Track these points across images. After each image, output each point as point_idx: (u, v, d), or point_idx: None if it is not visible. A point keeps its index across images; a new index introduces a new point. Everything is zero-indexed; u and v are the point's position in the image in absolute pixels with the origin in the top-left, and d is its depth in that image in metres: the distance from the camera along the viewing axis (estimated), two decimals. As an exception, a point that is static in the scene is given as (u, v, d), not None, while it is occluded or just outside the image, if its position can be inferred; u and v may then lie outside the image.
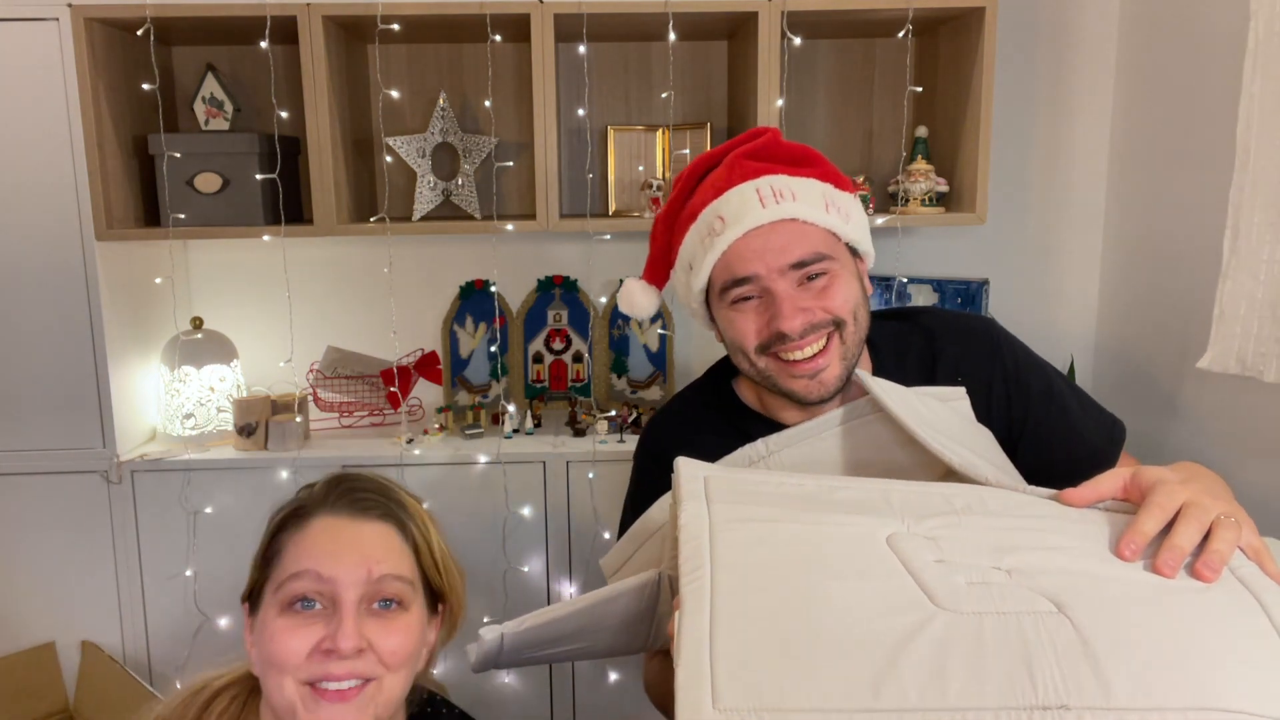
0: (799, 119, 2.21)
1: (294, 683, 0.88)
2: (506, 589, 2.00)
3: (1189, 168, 1.88)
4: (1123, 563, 0.72)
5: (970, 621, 0.65)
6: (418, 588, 0.96)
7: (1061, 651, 0.63)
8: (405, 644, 0.92)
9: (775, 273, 1.06)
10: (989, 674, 0.62)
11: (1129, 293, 2.16)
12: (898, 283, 2.17)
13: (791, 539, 0.74)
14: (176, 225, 1.96)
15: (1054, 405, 1.16)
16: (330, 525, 0.93)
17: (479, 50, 2.16)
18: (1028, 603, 0.67)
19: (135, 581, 1.99)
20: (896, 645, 0.63)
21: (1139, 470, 0.81)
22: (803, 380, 1.08)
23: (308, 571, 0.90)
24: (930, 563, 0.71)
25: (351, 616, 0.89)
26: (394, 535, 0.95)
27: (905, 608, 0.66)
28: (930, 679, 0.61)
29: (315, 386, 2.19)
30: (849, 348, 1.09)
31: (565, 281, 2.28)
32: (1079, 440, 1.15)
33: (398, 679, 0.92)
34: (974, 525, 0.77)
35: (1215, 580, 0.70)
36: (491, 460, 1.97)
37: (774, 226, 1.06)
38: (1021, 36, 2.19)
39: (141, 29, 1.88)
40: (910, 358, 1.19)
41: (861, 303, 1.12)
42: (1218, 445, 1.81)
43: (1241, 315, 1.54)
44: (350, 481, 0.98)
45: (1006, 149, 2.22)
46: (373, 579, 0.91)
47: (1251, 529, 0.79)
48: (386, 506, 0.97)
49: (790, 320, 1.05)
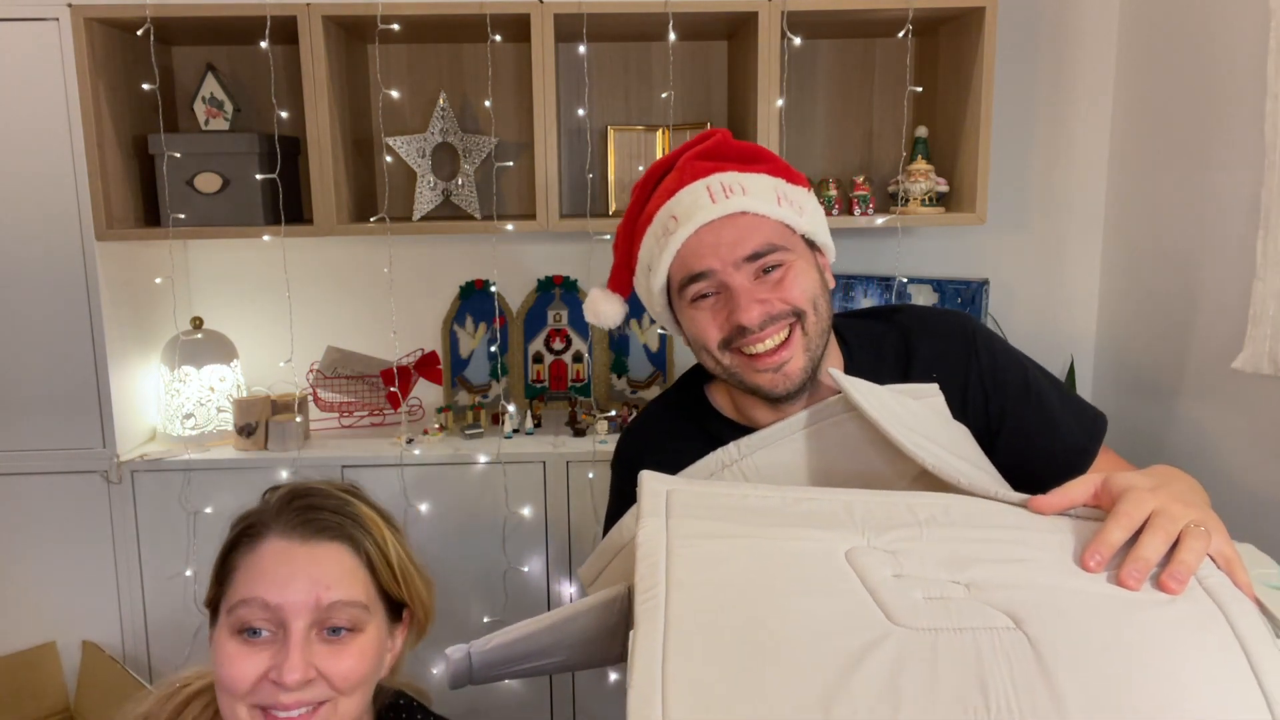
0: (799, 119, 2.21)
1: (244, 707, 0.88)
2: (506, 589, 2.00)
3: (1189, 168, 1.88)
4: (1087, 574, 0.71)
5: (925, 638, 0.64)
6: (375, 607, 0.94)
7: (1016, 668, 0.62)
8: (358, 668, 0.91)
9: (730, 266, 1.06)
10: (941, 691, 0.61)
11: (1129, 293, 2.16)
12: (898, 283, 2.17)
13: (748, 557, 0.74)
14: (176, 225, 1.96)
15: (1031, 400, 1.15)
16: (281, 550, 0.91)
17: (479, 50, 2.16)
18: (984, 619, 0.66)
19: (135, 581, 1.99)
20: (849, 663, 0.63)
21: (1110, 476, 0.79)
22: (767, 374, 1.08)
23: (255, 599, 0.88)
24: (888, 578, 0.71)
25: (299, 648, 0.87)
26: (347, 555, 0.93)
27: (860, 626, 0.66)
28: (881, 697, 0.61)
29: (315, 386, 2.19)
30: (811, 339, 1.09)
31: (565, 281, 2.28)
32: (1057, 435, 1.14)
33: (352, 700, 0.91)
34: (935, 537, 0.76)
35: (1180, 592, 0.69)
36: (491, 460, 1.97)
37: (725, 221, 1.06)
38: (1021, 36, 2.19)
39: (141, 29, 1.88)
40: (885, 356, 1.19)
41: (821, 294, 1.11)
42: (1217, 445, 1.81)
43: (1271, 315, 1.54)
44: (305, 498, 0.96)
45: (1006, 149, 2.22)
46: (321, 606, 0.89)
47: (1223, 536, 0.76)
48: (340, 526, 0.94)
49: (748, 312, 1.05)
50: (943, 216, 2.02)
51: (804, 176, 1.17)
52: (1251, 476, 1.70)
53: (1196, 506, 0.77)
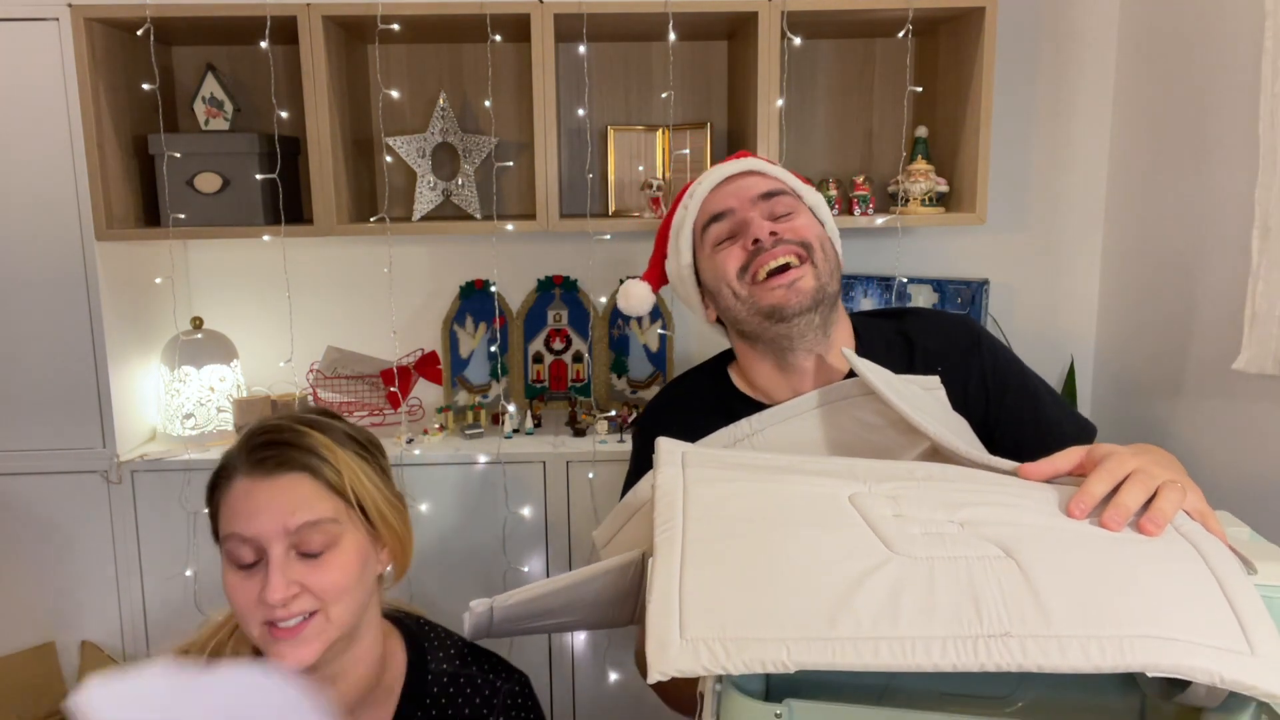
0: (799, 119, 2.21)
1: (255, 624, 0.99)
2: (507, 589, 1.99)
3: (1189, 168, 1.88)
4: (1072, 520, 0.76)
5: (922, 565, 0.69)
6: (348, 519, 1.02)
7: (1007, 588, 0.67)
8: (340, 578, 1.00)
9: (746, 203, 1.22)
10: (938, 608, 0.66)
11: (1129, 293, 2.16)
12: (898, 283, 2.17)
13: (759, 496, 0.80)
14: (176, 225, 1.96)
15: (1028, 403, 1.22)
16: (247, 488, 1.00)
17: (479, 50, 2.16)
18: (977, 548, 0.71)
19: (135, 581, 1.99)
20: (853, 584, 0.68)
21: (1094, 446, 0.85)
22: (780, 290, 1.17)
23: (234, 535, 0.99)
24: (888, 516, 0.76)
25: (278, 570, 0.97)
26: (306, 482, 1.01)
27: (862, 553, 0.71)
28: (882, 612, 0.66)
29: (315, 386, 2.19)
30: (820, 270, 1.20)
31: (565, 281, 2.28)
32: (1052, 436, 1.18)
33: (342, 606, 1.00)
34: (932, 488, 0.82)
35: (1158, 534, 0.74)
36: (491, 460, 1.97)
37: (741, 175, 1.25)
38: (1021, 36, 2.19)
39: (141, 29, 1.88)
40: (892, 349, 1.26)
41: (829, 241, 1.25)
42: (1218, 445, 1.81)
43: (1278, 315, 1.54)
44: (260, 436, 1.03)
45: (1006, 149, 2.22)
46: (291, 530, 0.98)
47: (1198, 495, 0.82)
48: (296, 458, 1.01)
49: (760, 229, 1.18)
50: (943, 216, 2.02)
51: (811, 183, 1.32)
52: (1251, 476, 1.70)
53: (1173, 471, 0.84)
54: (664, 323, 2.27)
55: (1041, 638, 0.63)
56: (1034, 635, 0.63)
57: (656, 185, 2.10)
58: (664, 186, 2.11)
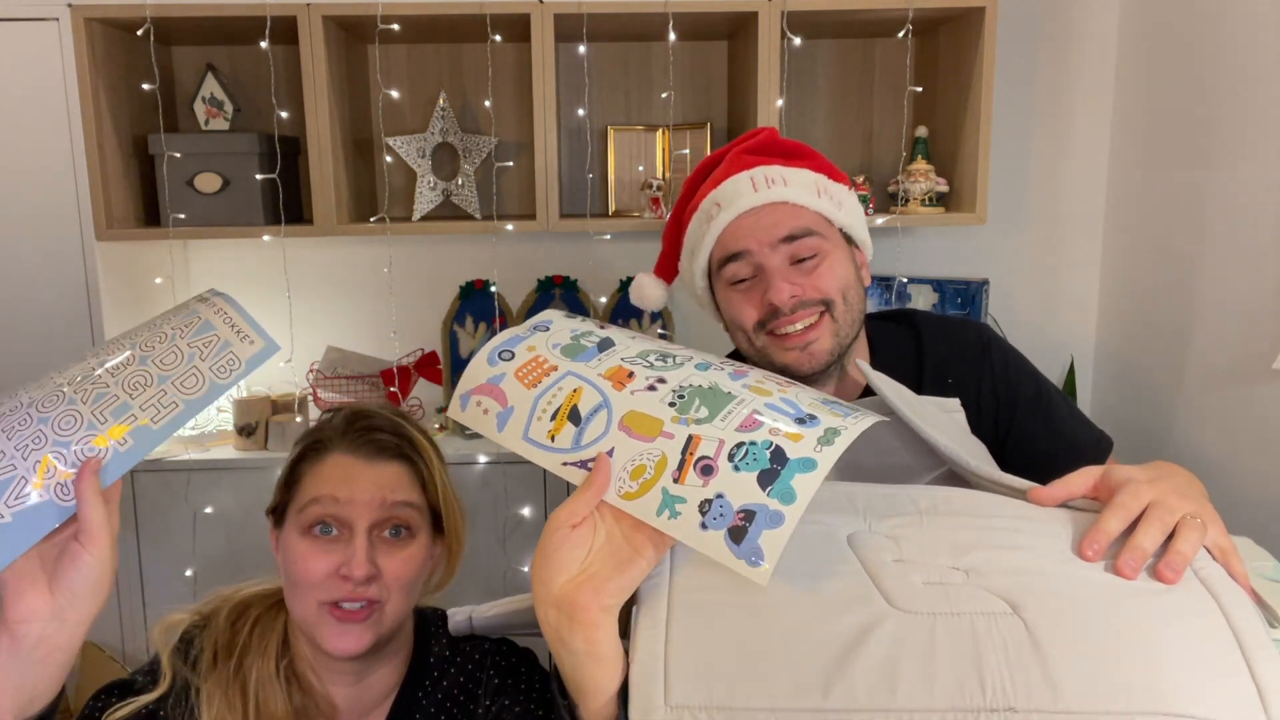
0: (799, 119, 2.21)
1: (314, 601, 0.96)
2: (506, 589, 2.00)
3: (1189, 167, 1.88)
4: (1084, 563, 0.71)
5: (923, 622, 0.66)
6: (424, 516, 1.03)
7: (1012, 653, 0.63)
8: (410, 570, 0.99)
9: (766, 247, 1.12)
10: (938, 675, 0.63)
11: (1129, 293, 2.16)
12: (898, 283, 2.17)
13: None
14: (176, 225, 1.96)
15: (1041, 409, 1.18)
16: (345, 463, 1.00)
17: (479, 50, 2.16)
18: (982, 603, 0.67)
19: (135, 581, 1.99)
20: (848, 645, 0.64)
21: (1109, 469, 0.80)
22: (794, 352, 1.13)
23: (325, 496, 0.98)
24: (888, 562, 0.72)
25: (364, 544, 0.96)
26: (404, 472, 1.02)
27: (860, 607, 0.67)
28: (880, 679, 0.62)
29: (315, 386, 2.19)
30: (840, 325, 1.14)
31: (565, 281, 2.28)
32: (1064, 445, 1.16)
33: (399, 602, 0.99)
34: (936, 525, 0.77)
35: (1177, 582, 0.69)
36: (491, 460, 1.97)
37: (765, 208, 1.13)
38: (1021, 36, 2.19)
39: (141, 29, 1.88)
40: (901, 357, 1.23)
41: (854, 285, 1.16)
42: (1217, 444, 1.81)
43: None
44: (366, 420, 1.04)
45: (1006, 149, 2.22)
46: (386, 504, 0.98)
47: (1219, 528, 0.77)
48: (398, 447, 1.02)
49: (779, 293, 1.11)
50: (943, 216, 2.02)
51: (845, 175, 1.23)
52: (1251, 475, 1.70)
53: (1193, 499, 0.77)
54: (664, 323, 2.27)
55: (1047, 713, 0.61)
56: (1039, 710, 0.61)
57: (656, 185, 2.10)
58: (664, 186, 2.11)
